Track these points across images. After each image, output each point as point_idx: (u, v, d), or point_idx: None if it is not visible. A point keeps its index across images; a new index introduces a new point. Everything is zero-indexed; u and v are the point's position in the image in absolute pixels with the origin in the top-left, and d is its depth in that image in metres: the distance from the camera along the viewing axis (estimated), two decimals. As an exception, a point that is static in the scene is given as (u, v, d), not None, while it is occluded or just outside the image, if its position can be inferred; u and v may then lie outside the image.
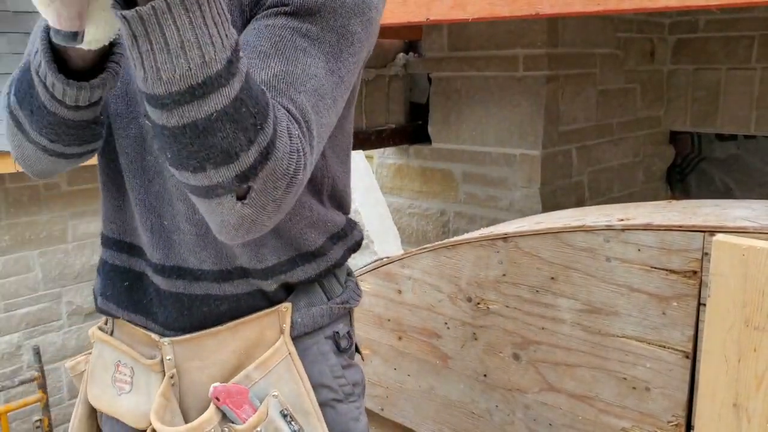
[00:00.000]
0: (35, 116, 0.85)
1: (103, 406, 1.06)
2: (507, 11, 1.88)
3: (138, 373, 1.03)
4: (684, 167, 4.52)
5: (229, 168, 0.70)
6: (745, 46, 3.80)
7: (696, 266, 1.25)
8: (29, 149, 0.90)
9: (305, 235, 0.98)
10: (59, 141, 0.88)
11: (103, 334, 1.07)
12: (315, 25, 0.84)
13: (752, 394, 1.17)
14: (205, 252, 0.96)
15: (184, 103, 0.67)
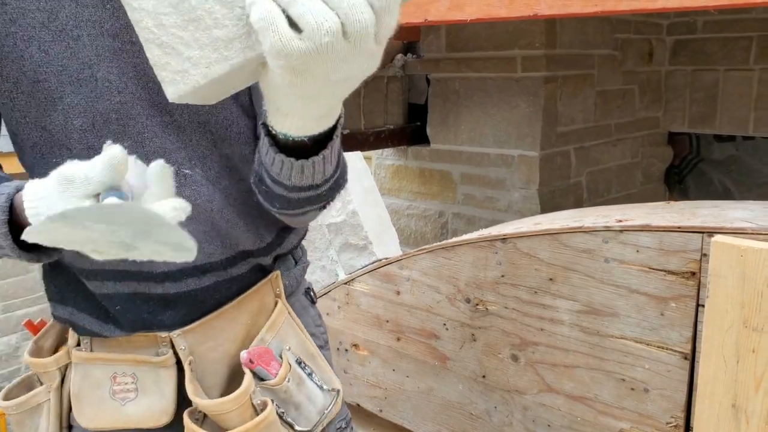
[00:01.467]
0: None
1: (106, 423, 1.05)
2: (505, 12, 1.88)
3: (142, 376, 1.04)
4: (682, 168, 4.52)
5: (321, 209, 0.96)
6: (743, 47, 3.81)
7: (694, 267, 1.25)
8: None
9: None
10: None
11: (86, 353, 1.04)
12: None
13: (751, 395, 1.17)
14: (212, 246, 1.01)
15: (311, 190, 0.86)
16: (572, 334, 1.44)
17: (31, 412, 1.09)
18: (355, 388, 1.93)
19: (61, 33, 0.90)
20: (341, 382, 1.17)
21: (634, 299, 1.34)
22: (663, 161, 4.41)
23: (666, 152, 4.41)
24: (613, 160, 3.95)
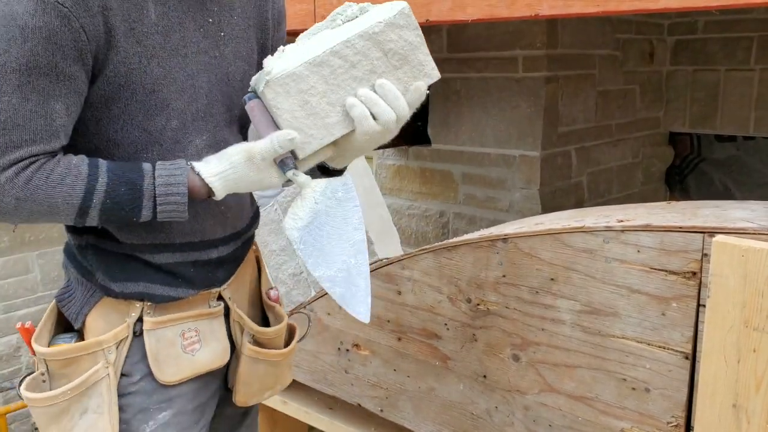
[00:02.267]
0: (117, 225, 1.19)
1: (184, 374, 1.27)
2: (506, 12, 1.88)
3: (203, 328, 1.29)
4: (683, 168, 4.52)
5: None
6: (744, 47, 3.81)
7: (695, 267, 1.25)
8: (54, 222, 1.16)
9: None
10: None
11: (157, 318, 1.24)
12: None
13: (752, 394, 1.17)
14: (244, 214, 1.36)
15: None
16: (573, 334, 1.44)
17: (82, 394, 1.21)
18: (356, 388, 1.93)
19: (174, 51, 1.14)
20: (342, 382, 1.42)
21: (635, 299, 1.34)
22: (664, 161, 4.41)
23: (667, 152, 4.40)
24: (614, 160, 3.94)
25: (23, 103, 1.01)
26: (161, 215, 1.12)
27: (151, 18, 1.10)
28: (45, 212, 1.08)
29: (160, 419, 1.26)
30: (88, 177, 1.08)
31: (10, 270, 3.85)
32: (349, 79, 1.11)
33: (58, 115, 1.05)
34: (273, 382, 1.44)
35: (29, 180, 1.05)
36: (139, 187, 1.09)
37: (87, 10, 1.02)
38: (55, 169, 1.07)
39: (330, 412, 2.16)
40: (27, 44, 0.99)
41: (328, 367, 2.00)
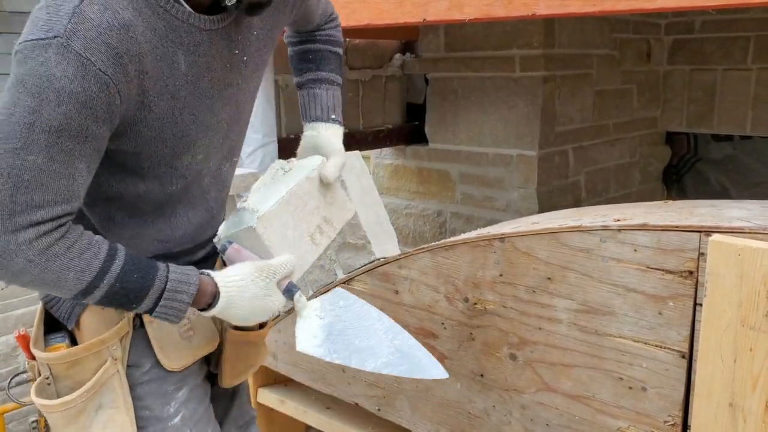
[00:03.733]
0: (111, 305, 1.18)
1: (187, 360, 1.36)
2: (503, 12, 1.88)
3: (192, 317, 1.35)
4: (680, 168, 4.53)
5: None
6: (741, 47, 3.81)
7: (692, 266, 1.25)
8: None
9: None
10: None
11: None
12: None
13: (748, 393, 1.17)
14: (222, 219, 1.42)
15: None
16: (570, 333, 1.44)
17: (95, 392, 1.27)
18: (354, 387, 1.93)
19: (202, 96, 1.19)
20: (340, 382, 1.42)
21: (632, 298, 1.34)
22: (661, 161, 4.42)
23: (664, 152, 4.41)
24: (611, 160, 3.95)
25: (48, 164, 1.01)
26: (160, 309, 1.16)
27: (181, 70, 1.14)
28: (50, 282, 1.08)
29: (180, 398, 1.35)
30: (106, 257, 1.11)
31: (7, 269, 3.84)
32: (305, 213, 1.33)
33: (80, 174, 1.06)
34: (254, 361, 1.53)
35: (49, 247, 1.05)
36: (152, 279, 1.14)
37: (125, 75, 1.04)
38: (77, 243, 1.08)
39: (328, 412, 2.16)
40: (61, 107, 0.99)
41: (325, 366, 2.00)
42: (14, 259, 1.03)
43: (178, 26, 1.12)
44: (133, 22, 1.05)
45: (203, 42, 1.16)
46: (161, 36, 1.09)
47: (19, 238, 1.02)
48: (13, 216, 1.01)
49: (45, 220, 1.04)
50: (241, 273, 1.21)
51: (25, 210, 1.02)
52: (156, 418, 1.33)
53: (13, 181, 1.00)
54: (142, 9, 1.07)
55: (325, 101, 1.51)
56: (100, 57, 1.00)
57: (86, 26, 1.00)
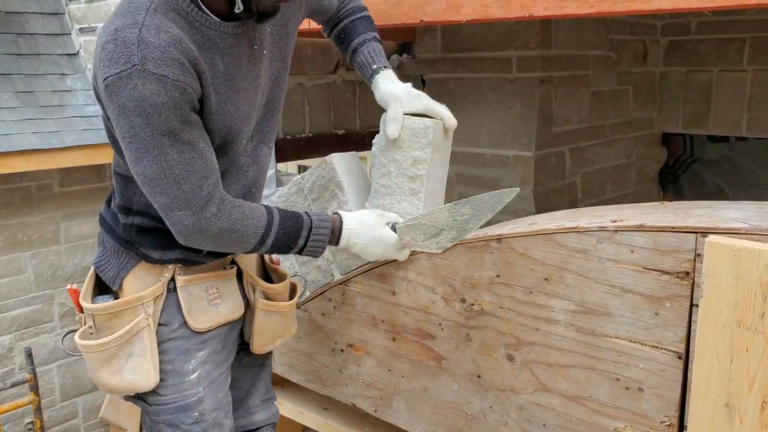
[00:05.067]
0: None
1: (212, 323, 1.58)
2: (500, 13, 1.88)
3: (221, 286, 1.61)
4: (676, 168, 4.54)
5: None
6: (736, 48, 3.82)
7: (688, 267, 1.26)
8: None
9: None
10: None
11: (188, 277, 1.55)
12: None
13: (744, 394, 1.17)
14: (261, 195, 1.68)
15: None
16: (567, 333, 1.45)
17: (128, 341, 1.50)
18: (351, 388, 1.93)
19: (238, 89, 1.43)
20: (337, 383, 1.67)
21: (629, 299, 1.34)
22: (657, 162, 4.42)
23: (660, 153, 4.42)
24: (607, 161, 3.96)
25: (182, 155, 1.33)
26: (310, 245, 1.53)
27: (220, 69, 1.39)
28: (237, 240, 1.45)
29: (200, 357, 1.56)
30: (267, 214, 1.48)
31: (3, 270, 3.83)
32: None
33: (205, 151, 1.37)
34: (282, 331, 1.74)
35: (230, 214, 1.41)
36: (301, 221, 1.52)
37: (192, 76, 1.31)
38: (244, 206, 1.45)
39: (324, 413, 2.16)
40: (162, 116, 1.28)
41: (322, 367, 2.00)
42: (210, 230, 1.40)
43: (212, 35, 1.37)
44: (182, 36, 1.31)
45: (233, 45, 1.41)
46: (200, 45, 1.35)
47: (206, 213, 1.38)
48: (189, 201, 1.36)
49: (211, 192, 1.38)
50: (360, 213, 1.62)
51: (194, 193, 1.36)
52: (176, 372, 1.55)
53: (171, 177, 1.33)
54: (183, 26, 1.33)
55: (366, 60, 1.76)
56: (171, 70, 1.27)
57: (151, 49, 1.26)
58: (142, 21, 1.27)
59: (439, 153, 1.71)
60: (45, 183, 3.92)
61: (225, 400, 1.62)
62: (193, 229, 1.39)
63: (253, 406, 1.80)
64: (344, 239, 1.56)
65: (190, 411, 1.54)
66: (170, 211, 1.38)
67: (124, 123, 1.29)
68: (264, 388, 1.83)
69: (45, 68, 3.98)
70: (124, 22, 1.28)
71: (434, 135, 1.65)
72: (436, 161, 1.71)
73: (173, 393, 1.54)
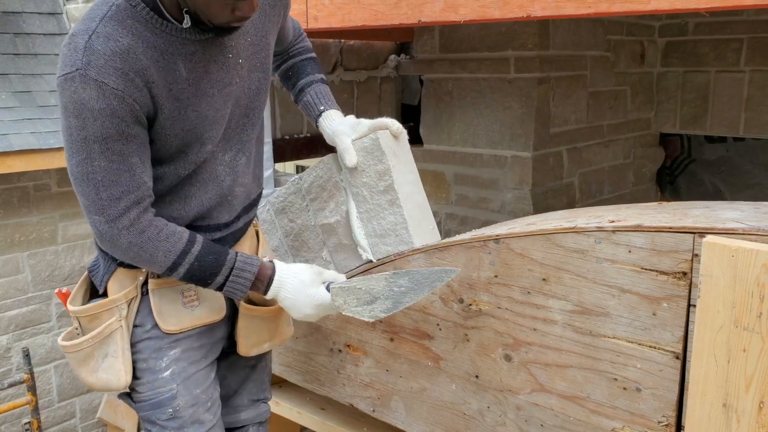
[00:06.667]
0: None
1: (185, 325, 1.58)
2: (498, 14, 1.88)
3: (201, 289, 1.59)
4: (674, 169, 4.54)
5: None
6: (734, 49, 3.83)
7: (686, 267, 1.26)
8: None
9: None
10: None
11: (160, 280, 1.56)
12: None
13: (742, 394, 1.18)
14: (244, 206, 1.66)
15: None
16: (565, 333, 1.45)
17: (102, 342, 1.56)
18: (348, 389, 1.93)
19: (204, 95, 1.44)
20: (335, 383, 1.68)
21: (626, 299, 1.35)
22: (655, 162, 4.43)
23: (658, 153, 4.43)
24: (605, 161, 3.96)
25: (110, 164, 1.35)
26: (229, 285, 1.50)
27: (182, 75, 1.40)
28: (146, 259, 1.44)
29: (172, 355, 1.59)
30: (187, 242, 1.46)
31: (0, 270, 3.83)
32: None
33: (136, 166, 1.38)
34: (270, 336, 1.74)
35: (143, 231, 1.41)
36: (223, 259, 1.49)
37: (136, 87, 1.33)
38: (164, 229, 1.44)
39: (322, 413, 2.16)
40: (98, 122, 1.31)
41: (320, 367, 2.00)
42: (120, 241, 1.41)
43: (174, 41, 1.38)
44: (132, 45, 1.33)
45: (197, 51, 1.41)
46: (162, 51, 1.37)
47: (118, 225, 1.39)
48: (105, 209, 1.37)
49: (129, 207, 1.38)
50: (296, 266, 1.56)
51: (111, 203, 1.37)
52: (150, 369, 1.58)
53: (92, 182, 1.35)
54: (142, 32, 1.34)
55: (312, 100, 1.79)
56: (112, 79, 1.30)
57: (96, 56, 1.29)
58: (94, 28, 1.31)
59: (399, 158, 1.74)
60: (42, 183, 3.91)
61: (204, 396, 1.63)
62: (106, 237, 1.41)
63: (239, 405, 1.82)
64: (273, 290, 1.53)
65: (164, 407, 1.58)
66: (87, 213, 1.41)
67: (64, 122, 1.34)
68: (255, 389, 1.84)
69: (42, 68, 3.98)
70: (80, 27, 1.33)
71: (385, 143, 1.69)
72: (399, 166, 1.73)
73: (149, 390, 1.59)
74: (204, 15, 1.35)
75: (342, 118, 1.76)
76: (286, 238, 1.99)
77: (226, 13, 1.33)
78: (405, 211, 1.71)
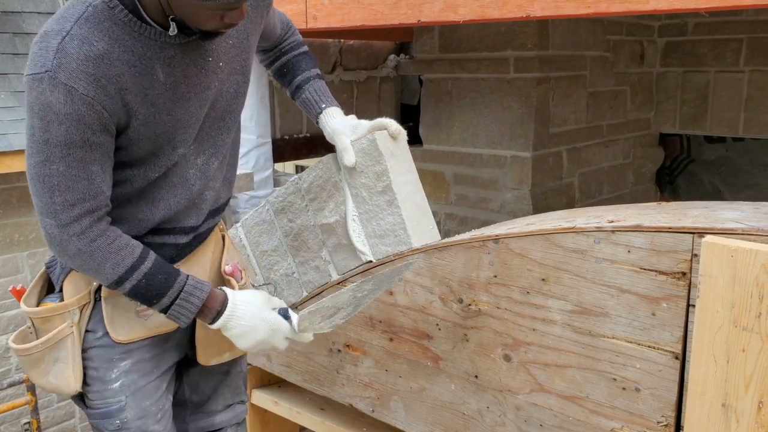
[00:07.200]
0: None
1: (137, 335, 1.55)
2: (498, 14, 1.89)
3: None
4: (673, 169, 4.55)
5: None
6: (733, 49, 3.83)
7: (685, 267, 1.26)
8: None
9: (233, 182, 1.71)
10: None
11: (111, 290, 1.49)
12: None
13: (741, 394, 1.18)
14: (223, 192, 1.64)
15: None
16: (564, 334, 1.45)
17: (53, 347, 1.52)
18: (348, 389, 1.93)
19: (180, 99, 1.39)
20: (334, 383, 1.65)
21: (626, 299, 1.35)
22: (654, 162, 4.43)
23: (657, 153, 4.43)
24: (604, 161, 3.96)
25: (68, 170, 1.30)
26: (174, 309, 1.44)
27: (160, 79, 1.36)
28: (93, 269, 1.40)
29: (123, 367, 1.55)
30: (138, 257, 1.41)
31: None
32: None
33: (96, 175, 1.33)
34: (230, 346, 1.64)
35: (93, 240, 1.36)
36: (173, 281, 1.43)
37: (106, 95, 1.28)
38: (116, 241, 1.39)
39: (322, 413, 2.16)
40: (62, 126, 1.26)
41: (320, 367, 2.00)
42: (68, 247, 1.36)
43: (152, 45, 1.33)
44: (107, 50, 1.28)
45: (177, 54, 1.37)
46: (140, 55, 1.32)
47: (69, 231, 1.34)
48: (57, 214, 1.33)
49: (82, 215, 1.34)
50: (247, 293, 1.53)
51: (64, 208, 1.32)
52: (100, 379, 1.55)
53: (48, 186, 1.31)
54: (119, 36, 1.30)
55: (312, 97, 1.75)
56: (82, 83, 1.25)
57: (68, 60, 1.24)
58: (68, 30, 1.26)
59: (396, 159, 1.75)
60: (42, 183, 3.91)
61: (154, 407, 1.60)
62: (55, 241, 1.37)
63: (214, 410, 1.80)
64: (222, 321, 1.48)
65: (111, 418, 1.56)
66: (39, 215, 1.37)
67: (28, 121, 1.30)
68: (229, 394, 1.82)
69: (42, 68, 3.96)
70: (54, 27, 1.28)
71: (383, 144, 1.70)
72: (397, 166, 1.74)
73: (98, 399, 1.56)
74: (191, 22, 1.31)
75: (343, 117, 1.75)
76: (285, 238, 1.99)
77: (215, 21, 1.30)
78: (403, 211, 1.71)
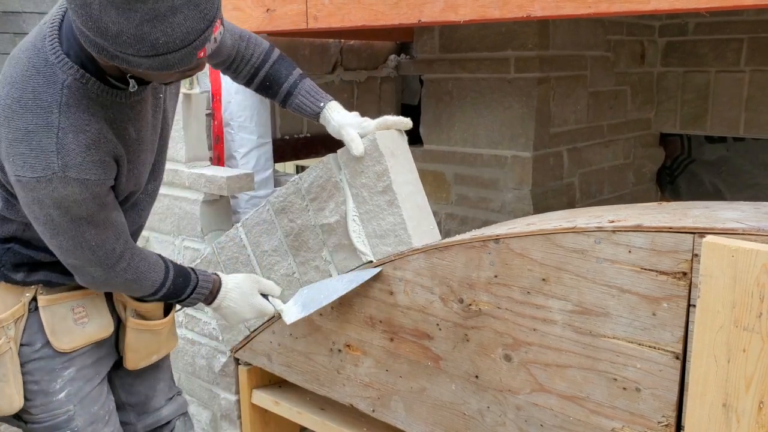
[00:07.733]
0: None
1: (78, 343, 1.58)
2: (498, 14, 1.88)
3: (89, 306, 1.61)
4: (674, 169, 4.54)
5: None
6: (734, 49, 3.83)
7: (686, 267, 1.26)
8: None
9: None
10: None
11: (52, 296, 1.54)
12: None
13: (742, 394, 1.18)
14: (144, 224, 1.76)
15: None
16: (565, 334, 1.45)
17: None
18: (348, 389, 1.93)
19: (144, 143, 1.48)
20: (334, 383, 1.73)
21: (626, 299, 1.34)
22: (655, 162, 4.43)
23: (658, 153, 4.42)
24: (605, 161, 3.96)
25: (98, 230, 1.39)
26: (189, 301, 1.63)
27: (132, 136, 1.43)
28: (135, 289, 1.54)
29: (67, 376, 1.56)
30: (165, 268, 1.57)
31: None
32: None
33: (118, 217, 1.45)
34: (157, 348, 1.76)
35: (136, 267, 1.49)
36: (189, 280, 1.62)
37: (111, 168, 1.37)
38: (147, 259, 1.53)
39: (322, 413, 2.16)
40: (82, 208, 1.33)
41: (320, 367, 2.00)
42: (116, 281, 1.48)
43: (123, 106, 1.38)
44: (99, 129, 1.32)
45: (143, 109, 1.44)
46: (113, 121, 1.36)
47: (116, 269, 1.46)
48: (102, 262, 1.42)
49: (123, 251, 1.45)
50: (237, 277, 1.71)
51: (107, 255, 1.43)
52: (43, 392, 1.54)
53: (87, 248, 1.39)
54: (98, 110, 1.31)
55: (306, 99, 1.76)
56: (93, 172, 1.30)
57: (72, 156, 1.26)
58: (57, 123, 1.23)
59: (397, 159, 1.76)
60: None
61: (102, 411, 1.64)
62: (100, 281, 1.46)
63: (158, 406, 1.85)
64: (216, 302, 1.68)
65: (61, 429, 1.56)
66: (82, 268, 1.44)
67: (40, 212, 1.32)
68: (166, 387, 1.88)
69: (42, 68, 3.96)
70: (36, 122, 1.23)
71: (383, 144, 1.71)
72: (397, 166, 1.75)
73: (42, 412, 1.55)
74: (151, 79, 1.32)
75: (346, 112, 1.76)
76: (286, 238, 1.99)
77: (175, 76, 1.30)
78: (404, 211, 1.71)
